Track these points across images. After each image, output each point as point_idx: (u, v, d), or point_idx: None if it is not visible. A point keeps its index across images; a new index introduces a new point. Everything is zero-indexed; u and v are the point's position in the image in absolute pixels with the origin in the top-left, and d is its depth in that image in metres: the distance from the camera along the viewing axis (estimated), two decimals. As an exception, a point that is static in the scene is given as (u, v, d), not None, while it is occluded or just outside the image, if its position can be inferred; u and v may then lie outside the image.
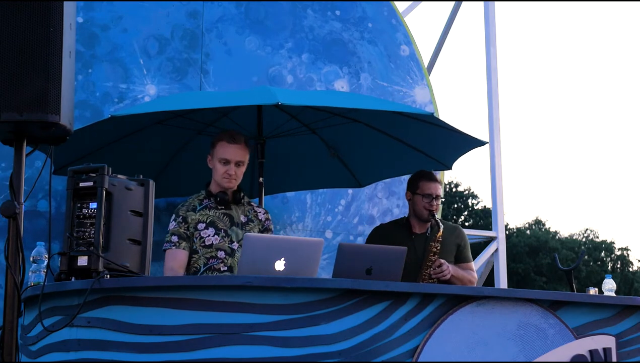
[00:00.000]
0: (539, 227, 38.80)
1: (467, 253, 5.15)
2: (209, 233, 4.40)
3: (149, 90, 5.97)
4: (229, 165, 4.43)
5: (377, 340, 3.43)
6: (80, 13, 5.79)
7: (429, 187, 5.00)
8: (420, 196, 5.00)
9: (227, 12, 6.31)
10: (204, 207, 4.46)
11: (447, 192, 34.85)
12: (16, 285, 3.39)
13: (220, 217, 4.45)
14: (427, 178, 5.04)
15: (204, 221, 4.42)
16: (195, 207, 4.47)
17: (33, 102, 3.28)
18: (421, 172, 5.10)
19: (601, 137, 67.90)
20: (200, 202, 4.49)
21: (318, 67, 6.56)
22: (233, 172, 4.43)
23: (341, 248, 3.70)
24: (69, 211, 3.45)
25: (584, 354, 3.78)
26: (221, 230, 4.42)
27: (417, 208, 5.03)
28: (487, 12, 8.47)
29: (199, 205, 4.48)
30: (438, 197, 5.02)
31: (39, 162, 5.09)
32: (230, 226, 4.45)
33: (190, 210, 4.45)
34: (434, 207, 4.99)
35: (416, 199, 5.03)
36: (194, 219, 4.42)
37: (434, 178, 5.05)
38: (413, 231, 5.07)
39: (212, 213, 4.45)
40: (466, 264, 5.10)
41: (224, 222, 4.45)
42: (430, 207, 4.98)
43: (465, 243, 5.15)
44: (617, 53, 69.78)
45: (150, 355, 3.31)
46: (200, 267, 4.36)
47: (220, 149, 4.44)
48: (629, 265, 38.79)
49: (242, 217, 4.50)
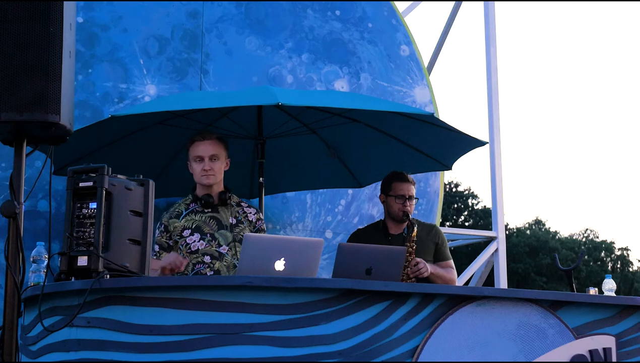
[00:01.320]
0: (539, 227, 38.79)
1: (446, 251, 5.16)
2: (194, 239, 4.39)
3: (149, 90, 5.97)
4: (203, 162, 4.43)
5: (377, 340, 3.43)
6: (80, 13, 5.79)
7: (402, 188, 5.01)
8: (394, 197, 5.02)
9: (227, 12, 6.31)
10: (190, 212, 4.46)
11: (447, 192, 34.84)
12: (16, 285, 3.39)
13: (206, 221, 4.44)
14: (399, 179, 5.04)
15: (189, 227, 4.42)
16: (180, 213, 4.47)
17: (33, 102, 3.28)
18: (393, 174, 5.11)
19: (601, 137, 67.93)
20: (187, 206, 4.49)
21: (318, 67, 6.56)
22: (209, 167, 4.42)
23: (341, 248, 3.70)
24: (69, 211, 3.44)
25: (584, 354, 3.78)
26: (207, 234, 4.41)
27: (392, 210, 5.05)
28: (487, 12, 8.47)
29: (185, 210, 4.47)
30: (412, 198, 5.02)
31: (39, 162, 5.09)
32: (217, 229, 4.44)
33: (173, 217, 4.45)
34: (408, 207, 5.00)
35: (390, 201, 5.05)
36: (177, 227, 4.42)
37: (406, 178, 5.05)
38: (389, 232, 5.09)
39: (198, 218, 4.44)
40: (445, 262, 5.11)
41: (210, 226, 4.43)
42: (404, 208, 4.99)
43: (443, 241, 5.16)
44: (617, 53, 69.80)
45: (150, 355, 3.31)
46: (188, 273, 4.36)
47: (192, 148, 4.46)
48: (629, 265, 38.79)
49: (231, 219, 4.49)
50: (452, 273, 5.10)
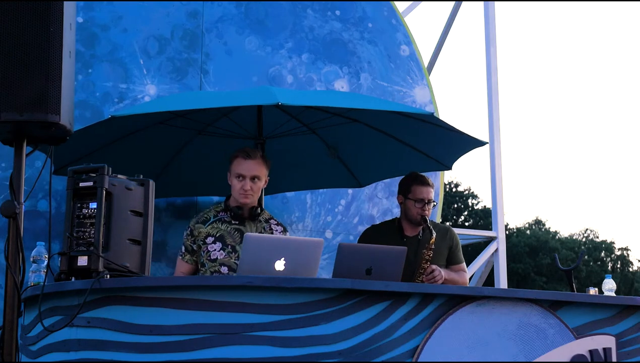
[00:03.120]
0: (539, 227, 38.80)
1: (459, 254, 5.12)
2: (215, 247, 4.41)
3: (149, 90, 5.97)
4: (245, 181, 4.44)
5: (377, 340, 3.43)
6: (80, 13, 5.79)
7: (422, 192, 4.95)
8: (413, 201, 4.96)
9: (227, 12, 6.30)
10: (217, 220, 4.48)
11: (447, 192, 34.84)
12: (16, 285, 3.39)
13: (230, 233, 4.46)
14: (420, 182, 4.97)
15: (213, 234, 4.44)
16: (207, 219, 4.49)
17: (33, 102, 3.28)
18: (413, 175, 5.04)
19: (601, 137, 67.93)
20: (216, 214, 4.51)
21: (318, 67, 6.55)
22: (249, 187, 4.44)
23: (341, 248, 3.70)
24: (69, 211, 3.45)
25: (584, 354, 3.78)
26: (228, 245, 4.42)
27: (410, 213, 4.99)
28: (487, 12, 8.47)
29: (213, 217, 4.50)
30: (430, 201, 4.96)
31: (39, 162, 5.09)
32: (240, 242, 4.44)
33: (200, 223, 4.48)
34: (427, 211, 4.94)
35: (408, 204, 4.98)
36: (201, 232, 4.44)
37: (427, 182, 4.98)
38: (404, 234, 5.05)
39: (224, 228, 4.47)
40: (458, 266, 5.08)
41: (233, 237, 4.45)
42: (422, 212, 4.93)
43: (457, 245, 5.12)
44: (617, 53, 69.79)
45: (150, 355, 3.31)
46: None
47: (235, 165, 4.47)
48: (629, 265, 38.80)
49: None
50: (464, 276, 5.08)
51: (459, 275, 5.03)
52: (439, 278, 4.79)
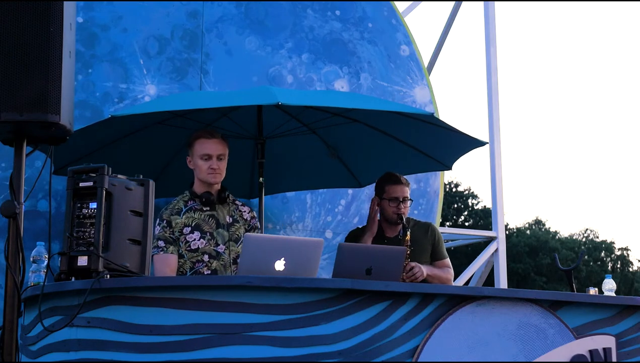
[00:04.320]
0: (539, 227, 38.79)
1: (442, 250, 5.12)
2: (194, 237, 4.37)
3: (149, 90, 5.97)
4: (212, 160, 4.40)
5: (377, 340, 3.43)
6: (80, 13, 5.79)
7: (395, 190, 4.98)
8: (387, 200, 4.99)
9: (227, 12, 6.30)
10: (189, 209, 4.43)
11: (447, 192, 34.84)
12: (16, 285, 3.39)
13: (205, 220, 4.42)
14: (393, 181, 5.00)
15: (189, 224, 4.38)
16: (180, 210, 4.43)
17: (33, 102, 3.28)
18: (386, 176, 5.07)
19: (601, 137, 67.94)
20: (185, 203, 4.45)
21: (318, 67, 6.55)
22: (217, 166, 4.40)
23: (341, 248, 3.70)
24: (69, 211, 3.44)
25: (584, 354, 3.78)
26: (207, 233, 4.39)
27: (386, 213, 5.02)
28: (487, 12, 8.47)
29: (184, 206, 4.44)
30: (406, 199, 4.98)
31: (39, 162, 5.09)
32: (215, 228, 4.42)
33: (174, 214, 4.41)
34: (402, 210, 4.97)
35: (384, 204, 5.01)
36: (178, 223, 4.38)
37: (399, 180, 5.01)
38: (386, 235, 5.07)
39: (198, 216, 4.41)
40: (441, 262, 5.07)
41: (209, 224, 4.41)
42: (398, 211, 4.96)
43: (439, 240, 5.12)
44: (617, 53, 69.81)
45: (150, 355, 3.31)
46: (187, 271, 4.34)
47: (199, 145, 4.42)
48: (629, 265, 38.79)
49: (228, 218, 4.47)
50: (449, 272, 5.06)
51: (443, 272, 5.01)
52: (419, 274, 4.78)
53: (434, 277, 4.91)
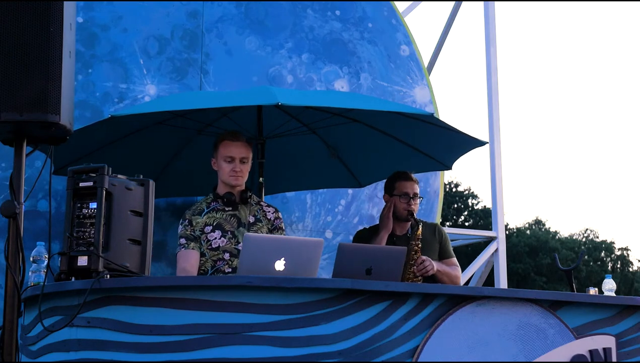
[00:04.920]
0: (539, 227, 38.79)
1: (449, 248, 5.17)
2: (215, 236, 4.43)
3: (149, 90, 5.97)
4: (234, 163, 4.48)
5: (377, 340, 3.43)
6: (80, 13, 5.79)
7: (406, 186, 5.03)
8: (398, 196, 5.03)
9: (227, 12, 6.30)
10: (211, 210, 4.50)
11: (447, 192, 34.84)
12: (16, 285, 3.39)
13: (227, 219, 4.48)
14: (403, 178, 5.06)
15: (210, 224, 4.46)
16: (202, 211, 4.50)
17: (33, 102, 3.28)
18: (396, 173, 5.12)
19: (601, 137, 67.95)
20: (208, 204, 4.53)
21: (318, 67, 6.55)
22: (239, 169, 4.48)
23: (341, 248, 3.70)
24: (69, 211, 3.45)
25: (584, 354, 3.78)
26: (228, 231, 4.45)
27: (396, 209, 5.04)
28: (487, 12, 8.47)
29: (207, 208, 4.52)
30: (416, 196, 5.04)
31: (39, 162, 5.08)
32: (237, 227, 4.48)
33: (196, 214, 4.49)
34: (413, 206, 5.01)
35: (394, 200, 5.05)
36: (199, 223, 4.45)
37: (410, 177, 5.07)
38: (394, 233, 5.09)
39: (219, 216, 4.48)
40: (449, 260, 5.11)
41: (230, 223, 4.48)
42: (408, 207, 5.00)
43: (446, 239, 5.18)
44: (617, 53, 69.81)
45: (150, 355, 3.31)
46: (208, 270, 4.40)
47: (223, 148, 4.50)
48: (629, 265, 38.78)
49: (250, 217, 4.54)
50: (457, 270, 5.11)
51: (452, 269, 5.05)
52: (430, 268, 4.82)
53: (444, 274, 4.94)
